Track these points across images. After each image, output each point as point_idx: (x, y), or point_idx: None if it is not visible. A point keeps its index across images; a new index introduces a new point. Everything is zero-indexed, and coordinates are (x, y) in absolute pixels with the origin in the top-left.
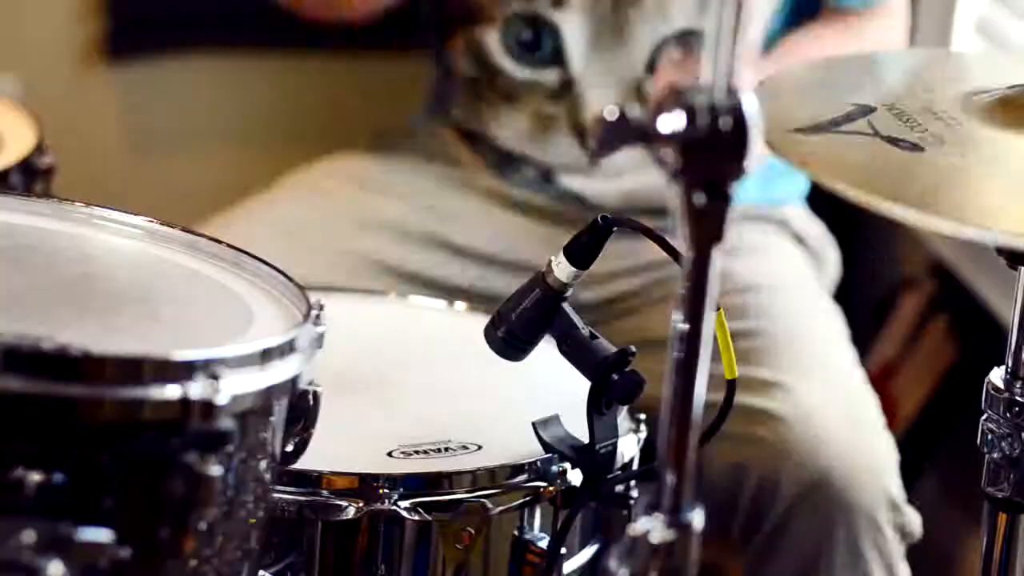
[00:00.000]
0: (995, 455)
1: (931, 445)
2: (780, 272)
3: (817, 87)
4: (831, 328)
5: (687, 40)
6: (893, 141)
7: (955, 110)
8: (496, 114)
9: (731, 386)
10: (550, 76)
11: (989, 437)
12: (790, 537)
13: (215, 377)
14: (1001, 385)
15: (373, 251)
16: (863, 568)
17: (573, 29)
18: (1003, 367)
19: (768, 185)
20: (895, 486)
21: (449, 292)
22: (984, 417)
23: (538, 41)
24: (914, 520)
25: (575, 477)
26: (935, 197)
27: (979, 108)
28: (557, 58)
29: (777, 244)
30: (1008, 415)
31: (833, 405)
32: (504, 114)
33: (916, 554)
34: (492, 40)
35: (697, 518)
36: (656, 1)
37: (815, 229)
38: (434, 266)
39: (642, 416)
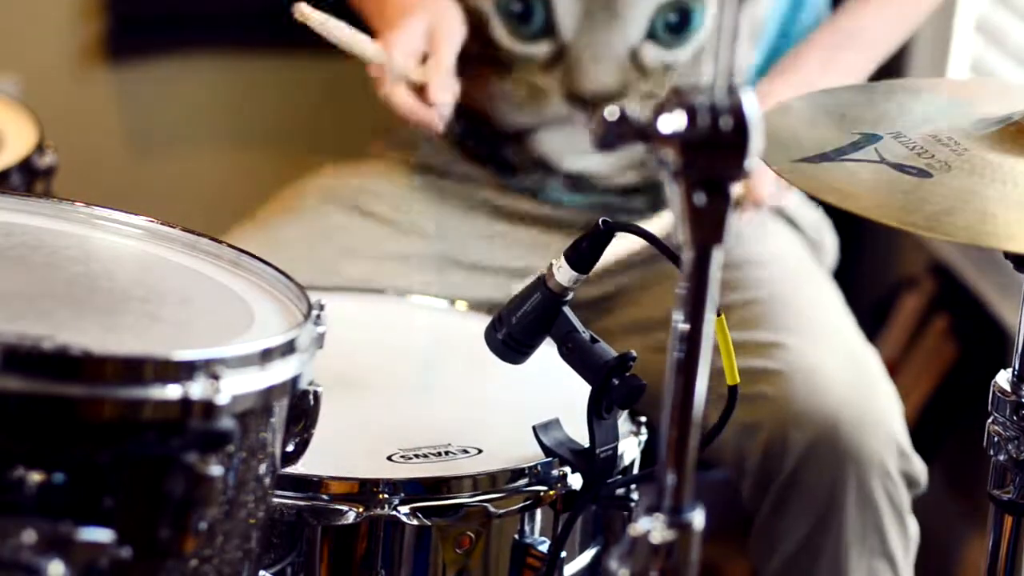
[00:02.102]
0: (1001, 457)
1: (931, 445)
2: (776, 248)
3: (820, 118)
4: (827, 292)
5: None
6: (900, 168)
7: (960, 137)
8: (489, 88)
9: (732, 392)
10: (541, 48)
11: (995, 439)
12: (802, 489)
13: (215, 377)
14: (1008, 388)
15: (368, 278)
16: (874, 515)
17: (565, 0)
18: (1010, 370)
19: None
20: (901, 433)
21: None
22: (990, 420)
23: (529, 13)
24: (920, 468)
25: (575, 481)
26: (946, 220)
27: (984, 135)
28: (549, 29)
29: (773, 227)
30: (1015, 418)
31: (833, 358)
32: (497, 87)
33: (917, 552)
34: (488, 11)
35: (697, 518)
36: None
37: (811, 215)
38: (429, 285)
39: (643, 419)
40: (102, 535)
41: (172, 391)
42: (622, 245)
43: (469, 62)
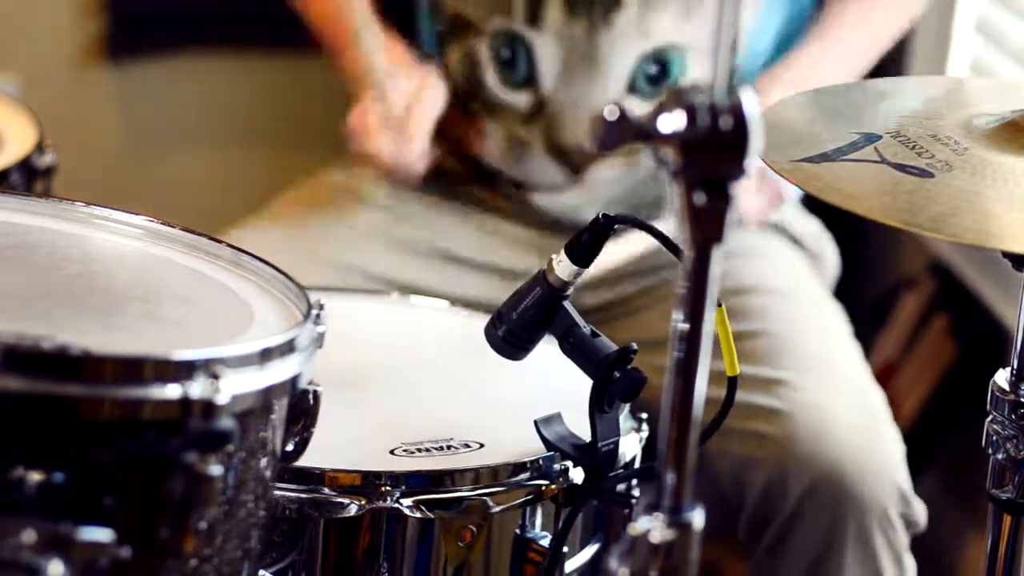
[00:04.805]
0: (1000, 456)
1: (931, 445)
2: (780, 274)
3: (819, 117)
4: (833, 326)
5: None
6: (902, 168)
7: (959, 136)
8: (479, 129)
9: (732, 383)
10: (523, 98)
11: (994, 439)
12: (801, 532)
13: (215, 377)
14: (1006, 387)
15: (372, 264)
16: (873, 561)
17: (547, 51)
18: (1008, 369)
19: None
20: (903, 478)
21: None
22: (989, 419)
23: (515, 60)
24: (920, 511)
25: (577, 475)
26: (951, 221)
27: (983, 134)
28: (530, 80)
29: (775, 247)
30: (1013, 417)
31: (839, 400)
32: (485, 129)
33: (916, 553)
34: (482, 53)
35: (697, 518)
36: (634, 20)
37: (812, 228)
38: (435, 279)
39: (644, 415)
40: (102, 535)
41: (172, 391)
42: (619, 252)
43: (461, 99)
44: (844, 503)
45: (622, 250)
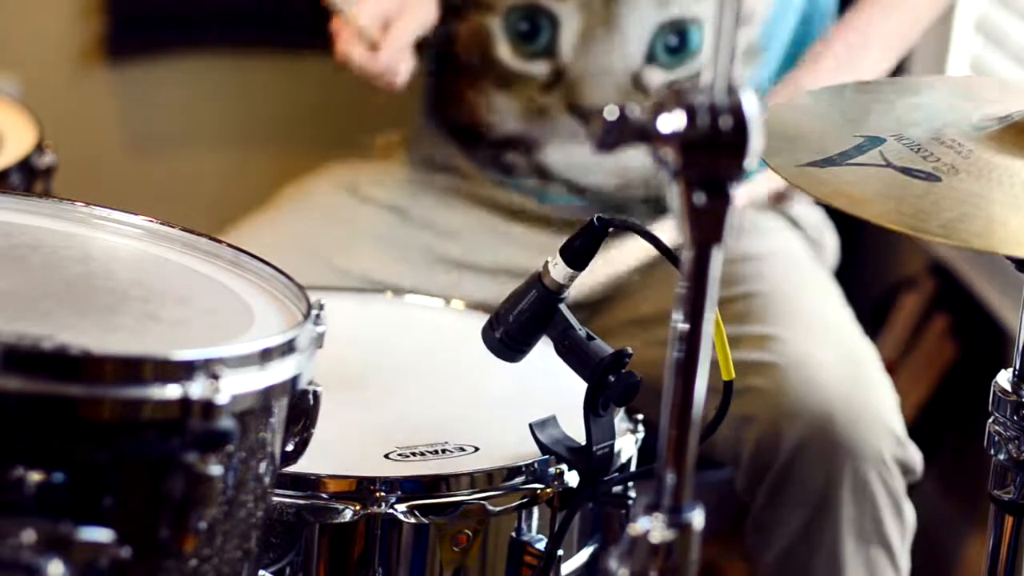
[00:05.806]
0: (1001, 457)
1: (931, 445)
2: (774, 245)
3: (823, 119)
4: (824, 288)
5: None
6: (908, 171)
7: (963, 138)
8: (490, 101)
9: (728, 387)
10: (541, 67)
11: (996, 439)
12: (796, 481)
13: (215, 377)
14: (1008, 388)
15: (370, 268)
16: (871, 505)
17: (569, 20)
18: (1010, 370)
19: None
20: (897, 422)
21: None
22: (991, 419)
23: (535, 32)
24: (915, 456)
25: (572, 479)
26: (960, 227)
27: (987, 136)
28: (550, 50)
29: (774, 226)
30: (1015, 418)
31: (828, 350)
32: (499, 101)
33: (915, 552)
34: (495, 29)
35: (697, 518)
36: None
37: (813, 214)
38: (430, 281)
39: (639, 416)
40: (102, 535)
41: (171, 391)
42: (624, 255)
43: (470, 74)
44: (838, 450)
45: (625, 258)
